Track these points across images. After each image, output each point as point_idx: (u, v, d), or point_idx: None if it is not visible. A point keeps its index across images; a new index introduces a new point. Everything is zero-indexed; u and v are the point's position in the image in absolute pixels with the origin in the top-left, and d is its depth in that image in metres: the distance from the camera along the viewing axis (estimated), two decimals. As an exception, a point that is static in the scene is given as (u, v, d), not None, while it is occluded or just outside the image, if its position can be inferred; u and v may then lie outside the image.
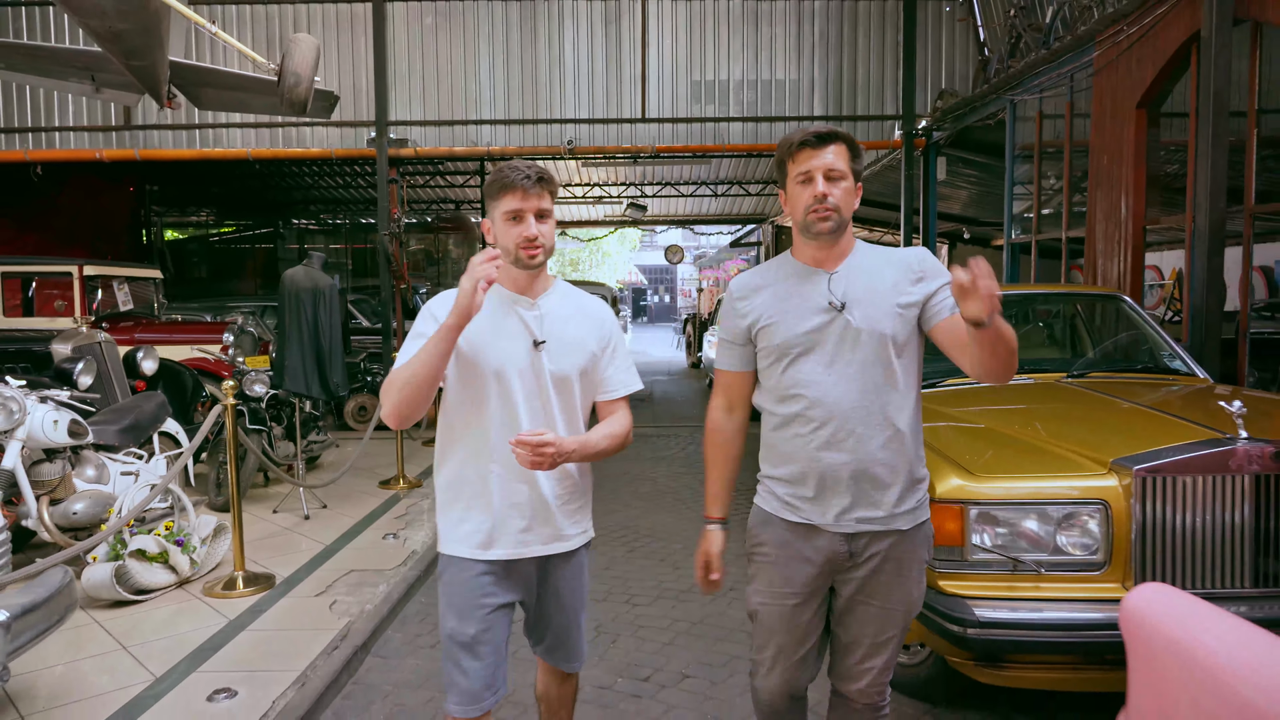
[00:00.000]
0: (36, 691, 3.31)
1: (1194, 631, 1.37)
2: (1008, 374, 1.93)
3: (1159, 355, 4.39)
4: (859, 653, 2.18)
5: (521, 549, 2.17)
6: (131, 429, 5.01)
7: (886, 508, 2.05)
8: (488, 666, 2.14)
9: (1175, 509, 2.69)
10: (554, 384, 2.17)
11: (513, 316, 2.16)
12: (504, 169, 2.15)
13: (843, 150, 2.05)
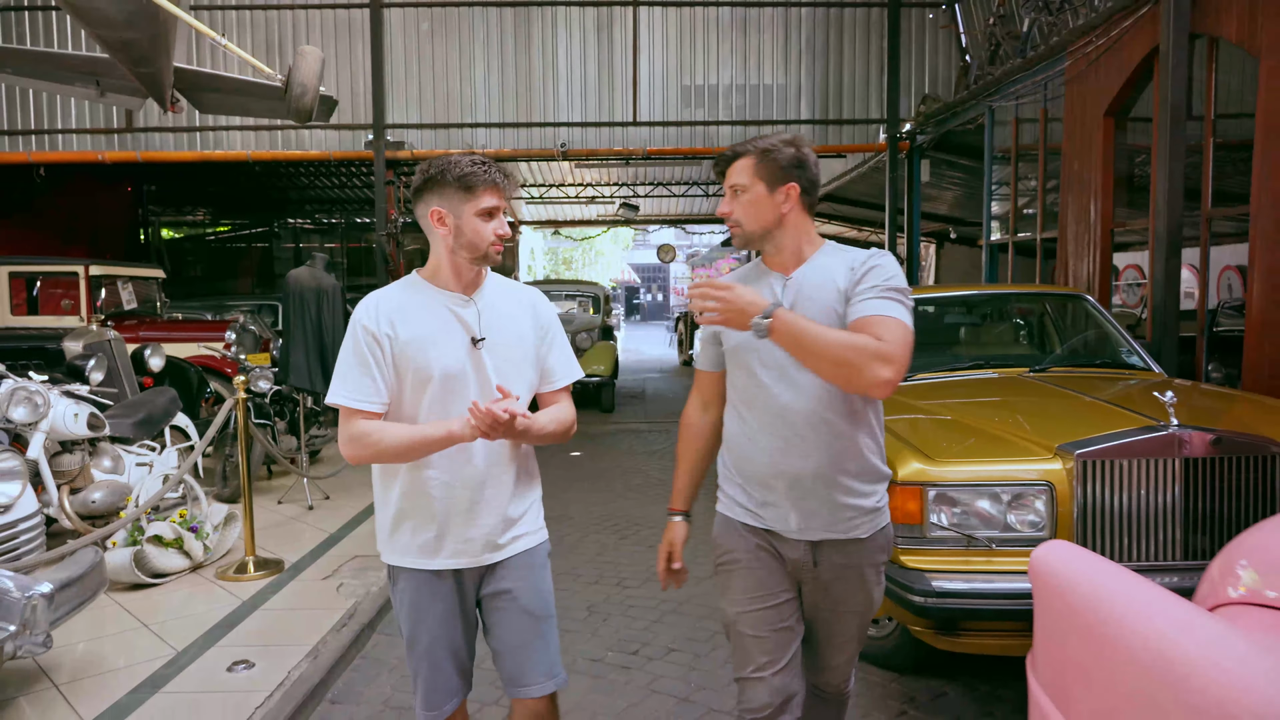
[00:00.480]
0: (67, 664, 3.56)
1: (1087, 581, 1.63)
2: (833, 377, 1.90)
3: (1118, 351, 4.67)
4: (825, 650, 2.22)
5: (463, 558, 2.10)
6: (145, 422, 5.25)
7: (845, 514, 2.05)
8: (443, 674, 2.13)
9: (1113, 490, 2.96)
10: (499, 379, 2.08)
11: (446, 314, 2.08)
12: (470, 164, 2.05)
13: (747, 163, 2.06)
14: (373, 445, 2.01)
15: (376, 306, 2.07)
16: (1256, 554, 1.57)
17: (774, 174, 2.04)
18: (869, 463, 2.08)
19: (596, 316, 12.23)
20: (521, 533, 2.16)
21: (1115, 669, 1.47)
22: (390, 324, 2.04)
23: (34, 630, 2.77)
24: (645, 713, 3.30)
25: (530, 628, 2.14)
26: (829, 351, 1.83)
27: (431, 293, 2.09)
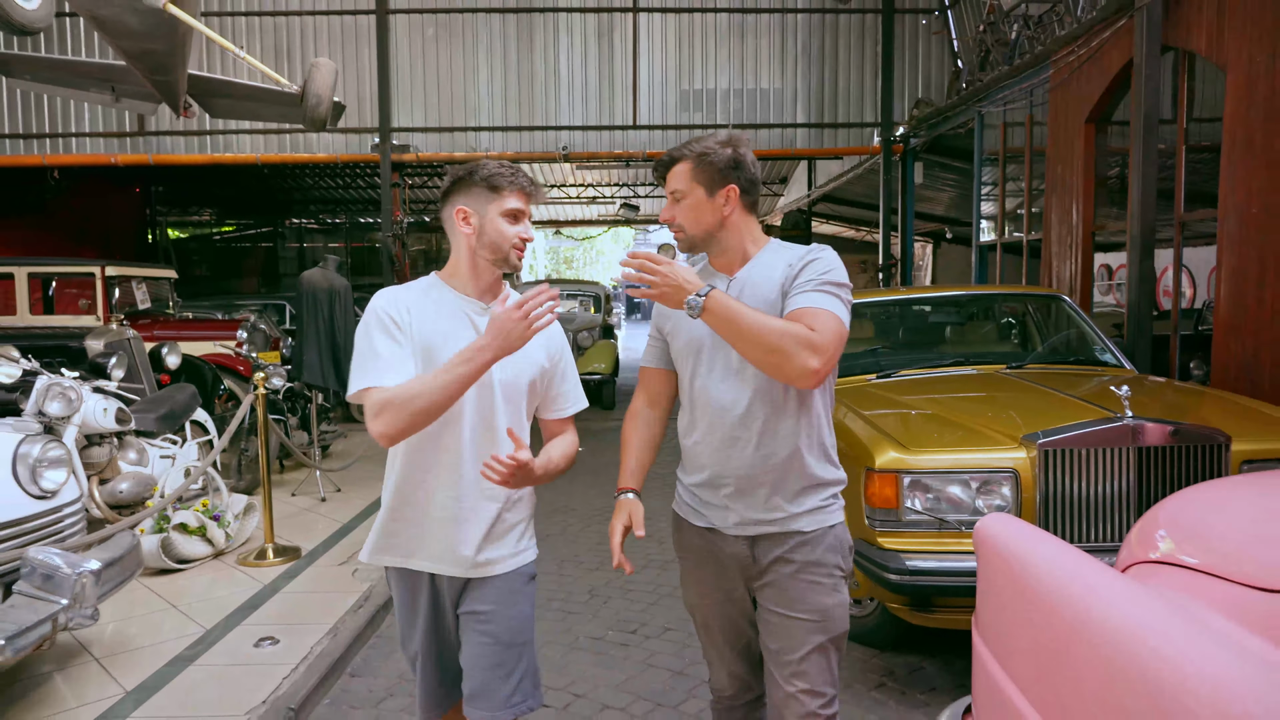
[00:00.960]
0: (104, 641, 3.82)
1: (1019, 547, 1.88)
2: (762, 363, 1.89)
3: (1092, 349, 4.92)
4: (781, 673, 2.04)
5: (442, 564, 2.05)
6: (167, 417, 5.50)
7: (783, 510, 2.02)
8: (431, 682, 2.13)
9: (1072, 476, 3.21)
10: (503, 394, 2.04)
11: (463, 321, 2.03)
12: (503, 167, 2.05)
13: (683, 169, 2.04)
14: (406, 403, 1.85)
15: (397, 297, 2.03)
16: (1168, 521, 1.82)
17: (712, 177, 2.02)
18: (808, 464, 2.02)
19: (597, 315, 12.48)
20: (503, 555, 2.07)
21: (1041, 623, 1.71)
22: (410, 316, 1.99)
23: (83, 604, 3.03)
24: (642, 684, 3.55)
25: (496, 655, 2.03)
26: (760, 336, 1.82)
27: (450, 295, 2.05)
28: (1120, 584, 1.58)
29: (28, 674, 3.46)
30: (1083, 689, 1.42)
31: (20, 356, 4.93)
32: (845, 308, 1.94)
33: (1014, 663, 1.86)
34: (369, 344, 1.96)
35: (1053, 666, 1.60)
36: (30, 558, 3.04)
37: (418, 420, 1.88)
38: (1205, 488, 1.88)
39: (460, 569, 2.04)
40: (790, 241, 2.20)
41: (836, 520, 2.07)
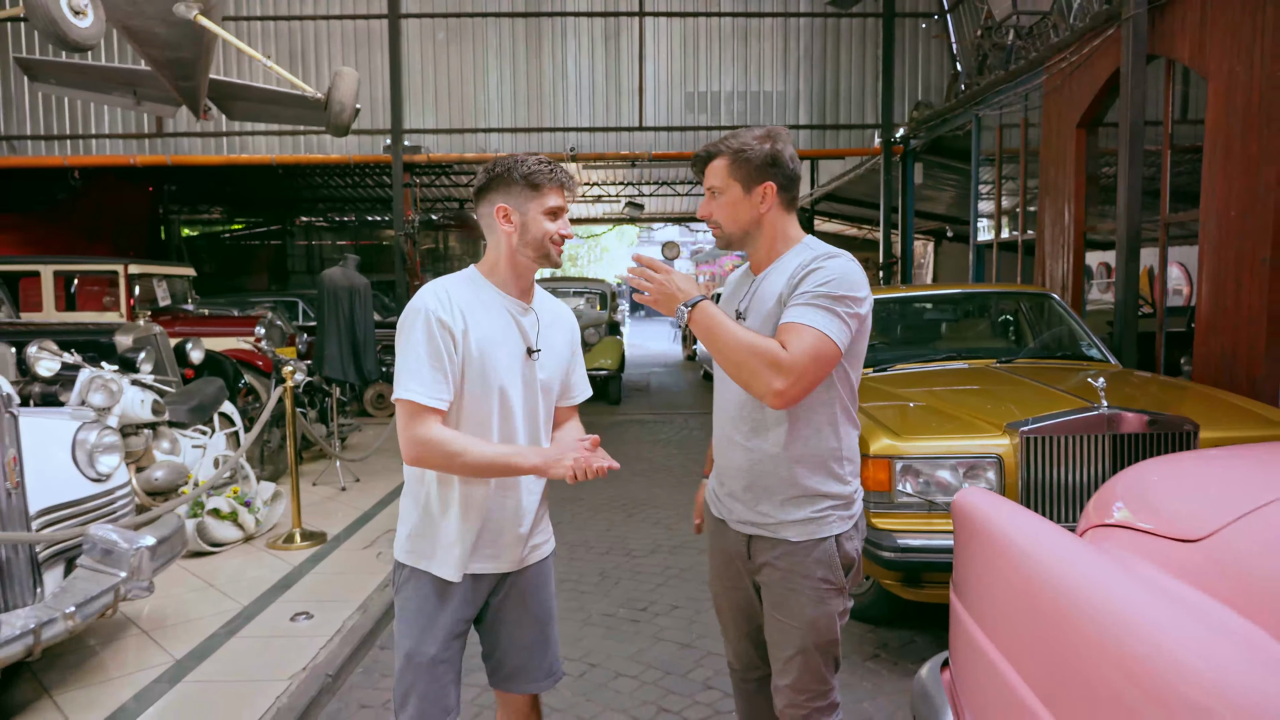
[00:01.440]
0: (150, 615, 4.09)
1: (990, 516, 2.13)
2: (736, 379, 1.93)
3: (1078, 345, 5.17)
4: (773, 665, 2.14)
5: (497, 564, 2.10)
6: (198, 409, 5.77)
7: (770, 516, 2.04)
8: (444, 688, 2.07)
9: (1052, 462, 3.47)
10: (543, 394, 2.11)
11: (507, 319, 2.06)
12: (543, 164, 2.04)
13: (720, 165, 2.03)
14: (452, 456, 1.92)
15: (449, 297, 2.00)
16: (1119, 491, 2.07)
17: (749, 174, 2.00)
18: (797, 473, 2.01)
19: (604, 312, 12.73)
20: (541, 541, 2.18)
21: (1009, 582, 1.96)
22: (464, 319, 1.98)
23: (140, 576, 3.29)
24: (652, 656, 3.81)
25: (537, 633, 2.17)
26: (731, 353, 1.85)
27: (494, 293, 2.06)
28: (1076, 546, 1.83)
29: (87, 643, 3.73)
30: (1044, 638, 1.66)
31: (61, 351, 5.21)
32: (839, 322, 1.86)
33: (986, 618, 2.11)
34: (414, 349, 1.95)
35: (1019, 620, 1.84)
36: (91, 534, 3.31)
37: (450, 471, 1.98)
38: (1156, 461, 2.13)
39: (514, 564, 2.11)
40: None
41: (830, 533, 2.02)
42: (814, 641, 2.04)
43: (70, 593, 3.13)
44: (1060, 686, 1.49)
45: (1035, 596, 1.74)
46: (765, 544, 2.07)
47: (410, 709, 2.05)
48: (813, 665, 2.06)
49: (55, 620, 2.92)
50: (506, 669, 2.19)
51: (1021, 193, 8.10)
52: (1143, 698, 1.22)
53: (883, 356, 5.19)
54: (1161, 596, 1.45)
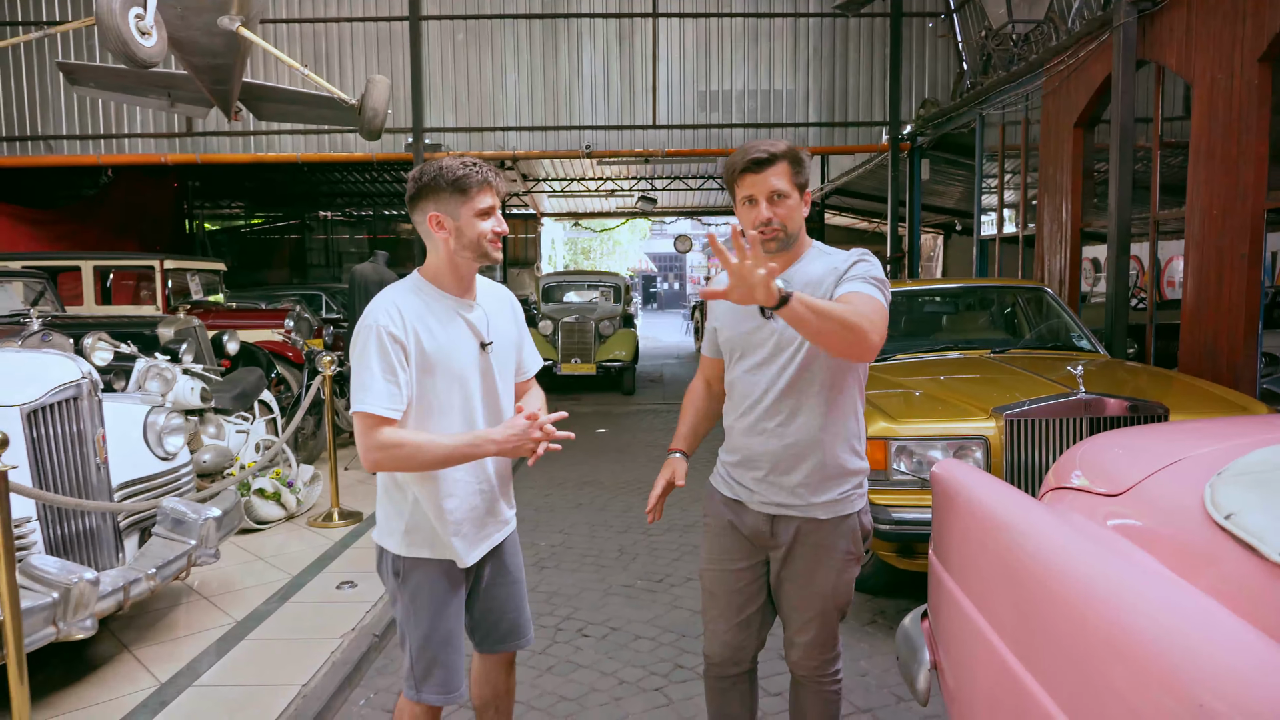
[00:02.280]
0: (208, 583, 4.47)
1: (963, 483, 2.46)
2: (831, 349, 2.00)
3: (1069, 336, 5.48)
4: (789, 627, 2.34)
5: (485, 544, 2.28)
6: (240, 396, 6.15)
7: (802, 497, 2.20)
8: (460, 658, 2.27)
9: (1033, 443, 3.79)
10: (500, 380, 2.26)
11: (458, 321, 2.17)
12: (462, 167, 2.11)
13: (784, 169, 2.11)
14: (408, 457, 2.04)
15: (399, 311, 2.09)
16: (1074, 459, 2.39)
17: (801, 180, 2.15)
18: (831, 455, 2.19)
19: (618, 305, 13.06)
20: (511, 515, 2.39)
21: (975, 537, 2.29)
22: (415, 333, 2.09)
23: (208, 544, 3.67)
24: (668, 621, 4.16)
25: (519, 595, 2.42)
26: (836, 323, 1.87)
27: (440, 298, 2.16)
28: (1029, 505, 2.16)
29: (155, 607, 4.11)
30: (1004, 584, 1.96)
31: (116, 343, 5.59)
32: (884, 297, 2.08)
33: (957, 570, 2.44)
34: (367, 364, 2.05)
35: (984, 569, 2.15)
36: (164, 507, 3.68)
37: (407, 470, 2.09)
38: (1102, 435, 2.45)
39: (494, 541, 2.31)
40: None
41: (854, 509, 2.26)
42: (835, 604, 2.29)
43: (149, 557, 3.51)
44: (1018, 625, 1.79)
45: (997, 549, 2.05)
46: (791, 522, 2.23)
47: (434, 680, 2.22)
48: (830, 623, 2.31)
49: (140, 580, 3.30)
50: (500, 631, 2.39)
51: (1023, 189, 8.38)
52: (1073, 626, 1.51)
53: (884, 347, 5.50)
54: (1089, 541, 1.78)
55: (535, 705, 3.33)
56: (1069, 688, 1.52)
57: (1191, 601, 1.36)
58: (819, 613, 2.27)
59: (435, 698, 2.24)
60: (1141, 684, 1.31)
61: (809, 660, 2.34)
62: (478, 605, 2.37)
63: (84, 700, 3.20)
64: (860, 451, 2.28)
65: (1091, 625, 1.46)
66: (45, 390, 3.18)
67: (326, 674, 3.41)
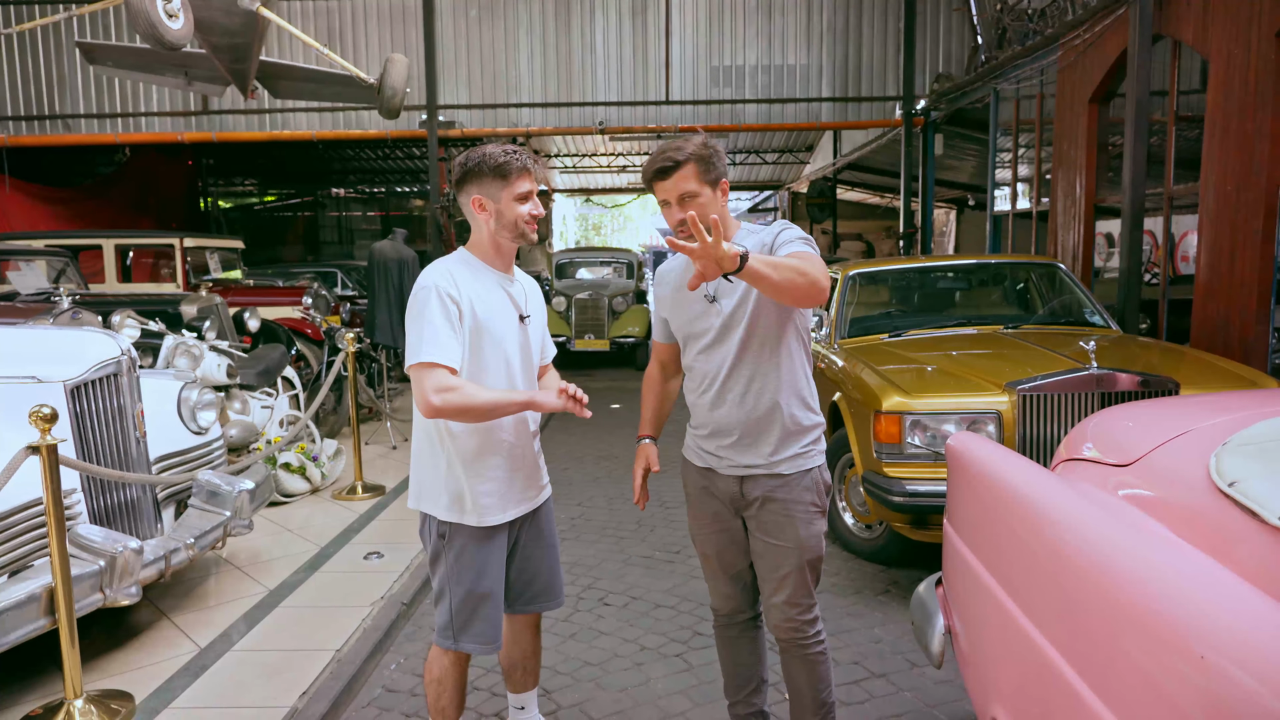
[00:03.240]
0: (239, 554, 4.60)
1: (976, 454, 2.54)
2: (791, 298, 2.12)
3: (1082, 312, 5.52)
4: (765, 589, 2.47)
5: (526, 504, 2.46)
6: (264, 373, 6.27)
7: (765, 456, 2.37)
8: (500, 611, 2.44)
9: (1046, 417, 3.86)
10: (536, 351, 2.47)
11: (501, 292, 2.37)
12: (504, 154, 2.29)
13: (689, 171, 2.24)
14: (467, 399, 2.19)
15: (452, 276, 2.29)
16: (1085, 431, 2.47)
17: (712, 176, 2.29)
18: (788, 414, 2.35)
19: (630, 281, 13.12)
20: (547, 482, 2.57)
21: (988, 506, 2.38)
22: (469, 299, 2.28)
23: (242, 515, 3.80)
24: (686, 590, 4.27)
25: (553, 558, 2.60)
26: (786, 276, 2.04)
27: (487, 271, 2.37)
28: (1040, 475, 2.24)
29: (190, 576, 4.25)
30: (1017, 550, 2.04)
31: (145, 320, 5.71)
32: (813, 255, 2.22)
33: (971, 537, 2.53)
34: (429, 319, 2.21)
35: (997, 536, 2.24)
36: (200, 479, 3.81)
37: (463, 418, 2.26)
38: (1113, 409, 2.53)
39: (531, 504, 2.48)
40: (814, 209, 2.66)
41: (814, 464, 2.42)
42: (806, 559, 2.41)
43: (186, 528, 3.64)
44: (1030, 589, 1.88)
45: (1010, 517, 2.14)
46: (758, 481, 2.39)
47: (474, 631, 2.39)
48: (802, 580, 2.42)
49: (179, 549, 3.43)
50: (532, 591, 2.57)
51: (1037, 164, 8.38)
52: (1083, 588, 1.59)
53: (898, 323, 5.57)
54: (1099, 509, 1.86)
55: (560, 670, 3.45)
56: (1079, 645, 1.61)
57: (1195, 564, 1.44)
58: (794, 568, 2.39)
59: (475, 646, 2.40)
60: (1147, 640, 1.40)
61: (787, 621, 2.44)
62: (513, 566, 2.52)
63: (129, 664, 3.34)
64: (814, 407, 2.44)
65: (1101, 587, 1.55)
66: (87, 367, 3.29)
67: (359, 640, 3.54)
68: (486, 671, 3.40)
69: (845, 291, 5.70)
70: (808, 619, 2.46)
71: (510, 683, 2.80)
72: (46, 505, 2.75)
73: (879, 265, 6.05)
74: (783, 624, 2.45)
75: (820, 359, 5.38)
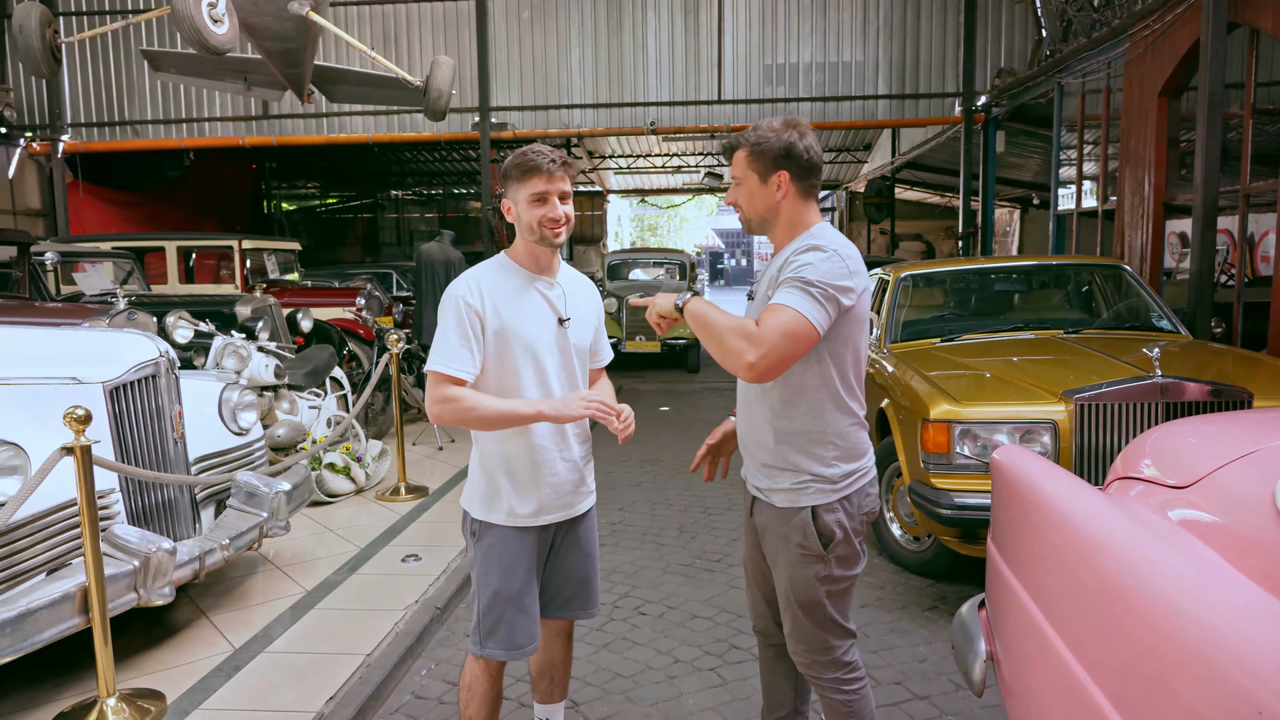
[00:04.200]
0: (280, 554, 4.64)
1: (1024, 470, 2.39)
2: (720, 360, 2.08)
3: (1149, 316, 5.25)
4: (780, 614, 2.34)
5: (563, 512, 2.40)
6: (312, 373, 6.35)
7: (764, 480, 2.24)
8: (529, 618, 2.38)
9: (1105, 428, 3.65)
10: (577, 356, 2.39)
11: (536, 295, 2.32)
12: (526, 153, 2.27)
13: (740, 157, 2.19)
14: (466, 410, 2.21)
15: (479, 285, 2.28)
16: (1141, 447, 2.30)
17: (764, 165, 2.14)
18: (779, 446, 2.18)
19: (683, 282, 13.03)
20: (590, 490, 2.50)
21: (1037, 531, 2.22)
22: (493, 304, 2.27)
23: (279, 517, 3.81)
24: (725, 601, 4.16)
25: (589, 568, 2.54)
26: (715, 335, 2.04)
27: (521, 274, 2.34)
28: (1095, 499, 2.08)
29: (231, 575, 4.29)
30: (1062, 577, 1.88)
31: (196, 321, 5.81)
32: (814, 303, 1.98)
33: (1017, 562, 2.38)
34: (445, 330, 2.26)
35: (1044, 563, 2.08)
36: (238, 480, 3.83)
37: (466, 425, 2.27)
38: (1174, 423, 2.35)
39: (567, 512, 2.42)
40: (872, 208, 2.50)
41: (806, 504, 2.16)
42: (796, 599, 2.21)
43: (223, 528, 3.66)
44: (1074, 620, 1.72)
45: (1055, 541, 1.99)
46: (760, 506, 2.28)
47: (499, 636, 2.35)
48: (802, 622, 2.22)
49: (214, 550, 3.45)
50: (563, 597, 2.52)
51: (1103, 161, 8.04)
52: (1130, 624, 1.45)
53: (952, 327, 5.37)
54: (1151, 537, 1.70)
55: (590, 681, 3.38)
56: (1124, 686, 1.48)
57: (1254, 603, 1.30)
58: (788, 606, 2.25)
59: (498, 652, 2.36)
60: (1198, 685, 1.26)
61: (797, 656, 2.30)
62: (547, 569, 2.48)
63: (164, 663, 3.37)
64: (823, 455, 2.17)
65: (1151, 625, 1.41)
66: (126, 368, 3.32)
67: (390, 644, 3.52)
68: (516, 680, 3.34)
69: (896, 294, 5.52)
70: (819, 660, 2.25)
71: (537, 691, 2.74)
72: (80, 505, 2.77)
73: (931, 267, 5.85)
74: (795, 656, 2.31)
75: (870, 364, 5.22)
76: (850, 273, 2.05)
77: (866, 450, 2.28)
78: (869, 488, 2.29)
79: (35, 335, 3.63)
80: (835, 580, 2.22)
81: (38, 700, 3.09)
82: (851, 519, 2.22)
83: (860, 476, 2.25)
